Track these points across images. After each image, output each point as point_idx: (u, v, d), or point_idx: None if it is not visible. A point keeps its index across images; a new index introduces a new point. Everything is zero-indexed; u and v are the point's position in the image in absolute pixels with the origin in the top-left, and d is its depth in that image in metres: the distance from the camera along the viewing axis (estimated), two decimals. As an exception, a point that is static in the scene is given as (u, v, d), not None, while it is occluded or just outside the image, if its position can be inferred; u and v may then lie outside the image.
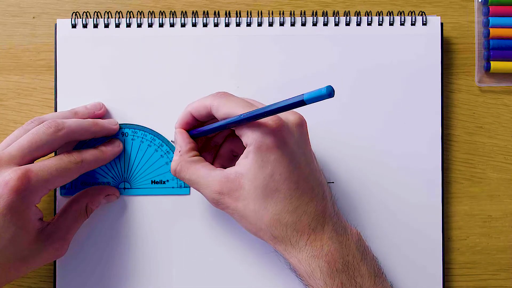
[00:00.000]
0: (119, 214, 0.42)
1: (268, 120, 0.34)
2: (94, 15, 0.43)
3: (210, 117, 0.38)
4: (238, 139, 0.37)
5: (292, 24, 0.43)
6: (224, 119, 0.36)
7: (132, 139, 0.42)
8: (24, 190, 0.34)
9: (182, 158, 0.37)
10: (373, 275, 0.36)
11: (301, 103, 0.30)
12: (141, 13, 0.43)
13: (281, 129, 0.34)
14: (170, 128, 0.42)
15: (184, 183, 0.41)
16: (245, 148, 0.35)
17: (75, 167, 0.37)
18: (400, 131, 0.43)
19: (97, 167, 0.40)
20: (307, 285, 0.36)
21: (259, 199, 0.35)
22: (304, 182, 0.35)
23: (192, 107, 0.38)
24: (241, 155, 0.36)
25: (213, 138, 0.41)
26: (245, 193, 0.35)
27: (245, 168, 0.35)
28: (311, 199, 0.35)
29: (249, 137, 0.35)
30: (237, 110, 0.35)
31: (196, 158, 0.38)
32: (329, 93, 0.29)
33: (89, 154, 0.38)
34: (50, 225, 0.37)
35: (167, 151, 0.42)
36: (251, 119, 0.34)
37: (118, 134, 0.42)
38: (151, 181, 0.42)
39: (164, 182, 0.42)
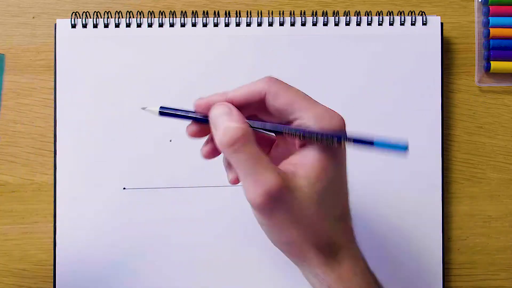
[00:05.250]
0: (119, 214, 0.42)
1: (335, 117, 0.31)
2: (93, 15, 0.43)
3: (255, 107, 0.32)
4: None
5: (292, 24, 0.43)
6: (281, 109, 0.31)
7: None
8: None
9: (249, 129, 0.30)
10: None
11: (369, 144, 0.29)
12: (140, 13, 0.43)
13: (345, 131, 0.31)
14: (170, 130, 0.42)
15: None
16: (301, 146, 0.31)
17: None
18: (400, 131, 0.43)
19: None
20: None
21: (314, 206, 0.30)
22: (348, 195, 0.33)
23: (237, 94, 0.32)
24: (299, 155, 0.31)
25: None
26: (302, 196, 0.30)
27: (306, 169, 0.30)
28: (350, 215, 0.33)
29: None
30: (299, 100, 0.30)
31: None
32: (406, 149, 0.28)
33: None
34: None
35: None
36: (321, 138, 0.30)
37: None
38: None
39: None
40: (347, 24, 0.43)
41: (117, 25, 0.43)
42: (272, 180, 0.29)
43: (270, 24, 0.43)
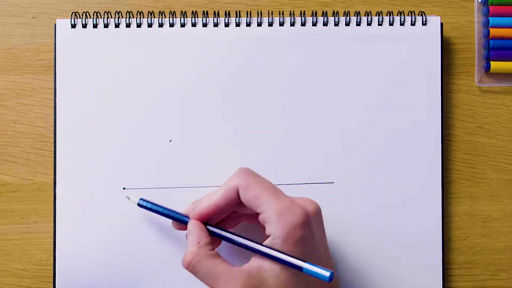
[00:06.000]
0: (120, 215, 0.42)
1: (296, 212, 0.33)
2: (93, 15, 0.43)
3: (236, 203, 0.36)
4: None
5: (292, 24, 0.43)
6: (250, 203, 0.35)
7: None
8: None
9: (202, 250, 0.35)
10: None
11: (299, 268, 0.32)
12: (140, 13, 0.43)
13: (309, 223, 0.33)
14: (170, 130, 0.42)
15: None
16: (266, 237, 0.34)
17: None
18: (400, 131, 0.43)
19: None
20: None
21: None
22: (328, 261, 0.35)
23: (219, 196, 0.36)
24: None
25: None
26: None
27: (269, 262, 0.34)
28: (336, 278, 0.36)
29: (275, 228, 0.33)
30: (264, 194, 0.34)
31: (215, 252, 0.36)
32: (330, 279, 0.32)
33: None
34: None
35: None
36: (274, 258, 0.33)
37: None
38: None
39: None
40: (347, 24, 0.43)
41: (117, 25, 0.43)
42: (235, 283, 0.33)
43: (270, 24, 0.43)
